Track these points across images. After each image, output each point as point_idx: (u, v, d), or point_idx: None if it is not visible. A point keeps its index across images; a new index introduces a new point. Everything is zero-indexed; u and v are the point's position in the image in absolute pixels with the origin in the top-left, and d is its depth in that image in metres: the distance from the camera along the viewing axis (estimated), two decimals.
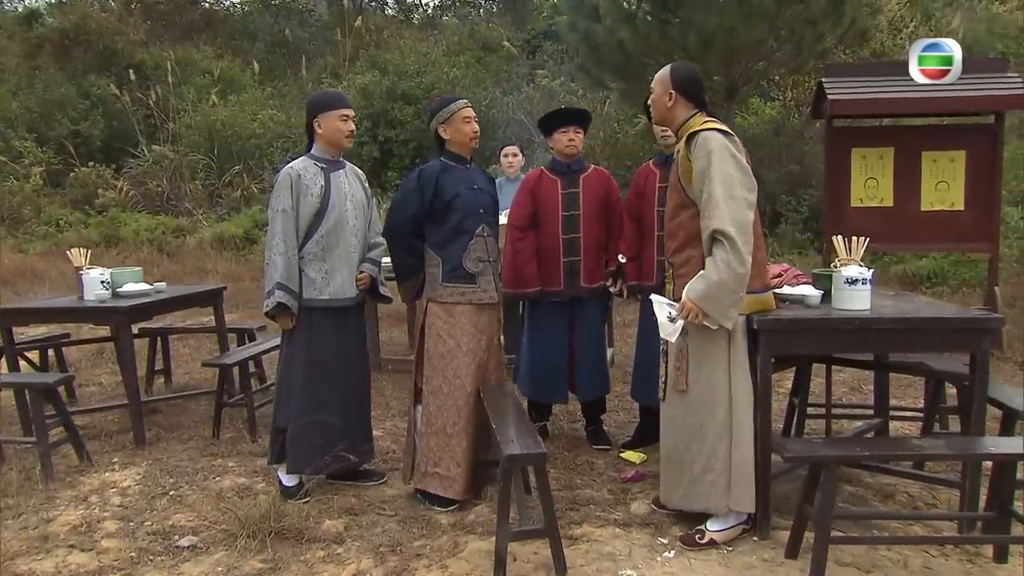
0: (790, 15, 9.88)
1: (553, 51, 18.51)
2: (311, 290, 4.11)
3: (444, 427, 4.03)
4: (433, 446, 4.05)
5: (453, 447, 4.02)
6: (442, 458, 4.03)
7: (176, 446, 4.97)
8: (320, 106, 4.20)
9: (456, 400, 4.03)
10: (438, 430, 4.04)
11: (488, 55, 18.54)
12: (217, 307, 5.52)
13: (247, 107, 15.69)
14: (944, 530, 3.68)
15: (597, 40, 11.00)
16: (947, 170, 6.49)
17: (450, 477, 4.01)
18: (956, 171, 6.48)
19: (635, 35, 10.39)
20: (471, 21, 22.40)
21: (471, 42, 19.67)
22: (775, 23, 9.94)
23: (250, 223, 12.95)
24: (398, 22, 24.01)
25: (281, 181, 4.11)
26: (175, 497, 4.21)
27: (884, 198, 6.48)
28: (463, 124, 4.12)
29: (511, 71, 17.76)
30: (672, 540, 3.58)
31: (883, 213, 6.45)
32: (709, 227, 3.26)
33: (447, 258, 4.08)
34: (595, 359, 4.78)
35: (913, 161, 6.45)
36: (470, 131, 4.13)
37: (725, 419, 3.41)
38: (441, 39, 19.01)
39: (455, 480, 4.01)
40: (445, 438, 4.03)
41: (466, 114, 4.13)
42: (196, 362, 7.02)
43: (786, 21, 9.95)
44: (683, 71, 3.59)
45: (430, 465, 4.05)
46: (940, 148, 6.48)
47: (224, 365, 5.00)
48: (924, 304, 3.83)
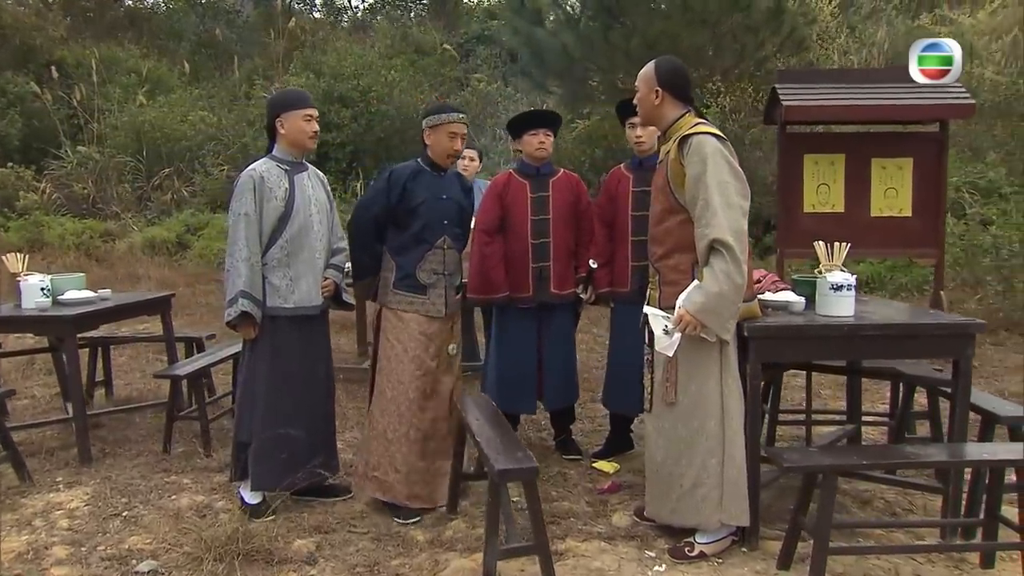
0: (732, 22, 9.97)
1: (487, 55, 18.42)
2: (275, 298, 3.89)
3: (384, 431, 3.93)
4: (373, 449, 3.96)
5: (392, 452, 3.90)
6: (380, 463, 3.93)
7: (124, 463, 4.67)
8: (283, 105, 3.98)
9: (398, 405, 3.91)
10: (379, 434, 3.95)
11: (422, 58, 18.31)
12: (165, 315, 5.22)
13: (176, 108, 15.14)
14: (925, 536, 3.65)
15: (539, 44, 10.96)
16: (896, 177, 6.55)
17: (387, 482, 3.91)
18: (904, 178, 6.54)
19: (579, 39, 10.35)
20: (403, 24, 22.11)
21: (404, 45, 19.42)
22: (717, 30, 10.02)
23: (182, 227, 12.48)
24: (327, 25, 23.57)
25: (243, 183, 3.87)
26: (129, 518, 3.93)
27: (836, 204, 6.50)
28: (447, 139, 3.97)
29: (445, 74, 17.58)
30: (660, 553, 3.48)
31: (835, 219, 6.46)
32: (708, 236, 3.15)
33: (401, 265, 3.96)
34: (565, 367, 4.65)
35: (863, 167, 6.49)
36: (450, 147, 3.98)
37: (717, 431, 3.31)
38: (375, 41, 18.68)
39: (392, 486, 3.90)
40: (385, 443, 3.93)
41: (454, 129, 3.96)
42: (135, 372, 6.68)
43: (728, 28, 10.04)
44: (668, 66, 3.46)
45: (369, 469, 3.96)
46: (889, 155, 6.54)
47: (178, 376, 4.72)
48: (902, 309, 3.80)
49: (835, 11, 12.16)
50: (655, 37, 9.79)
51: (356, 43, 18.07)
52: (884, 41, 14.61)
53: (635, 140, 4.44)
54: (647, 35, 9.80)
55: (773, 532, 3.57)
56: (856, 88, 6.33)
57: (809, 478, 3.19)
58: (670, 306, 3.33)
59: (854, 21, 15.47)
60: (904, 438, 4.23)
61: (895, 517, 3.88)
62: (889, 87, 6.46)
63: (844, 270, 3.69)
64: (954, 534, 3.53)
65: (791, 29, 10.18)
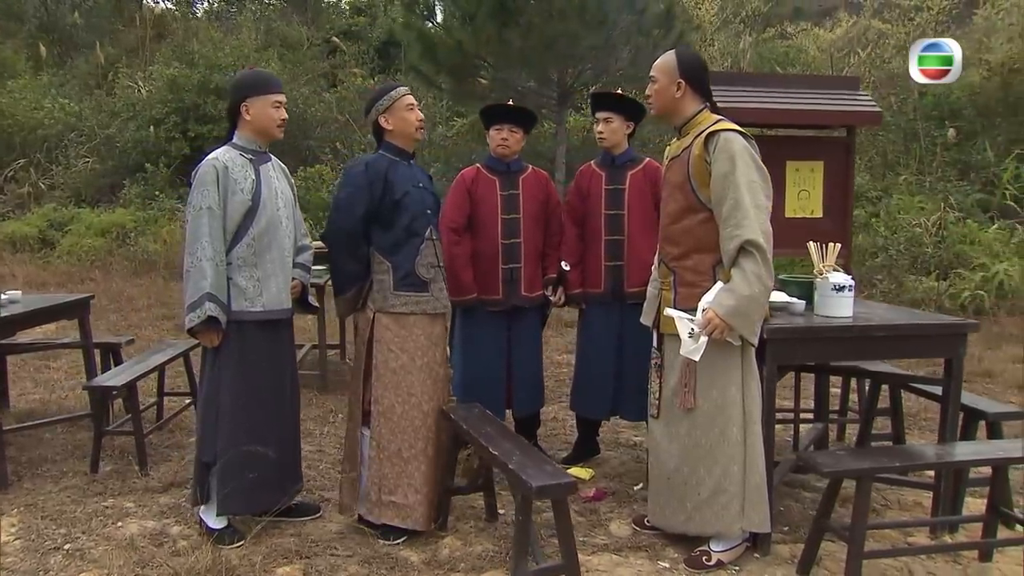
0: (626, 23, 9.97)
1: (354, 51, 17.84)
2: (241, 301, 3.44)
3: (399, 451, 3.50)
4: (388, 472, 3.50)
5: (411, 472, 3.50)
6: (398, 485, 3.49)
7: (48, 486, 4.06)
8: (250, 88, 3.53)
9: (412, 420, 3.51)
10: (392, 455, 3.50)
11: (289, 52, 17.51)
12: (83, 320, 4.59)
13: (28, 94, 13.82)
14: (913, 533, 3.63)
15: (432, 40, 10.64)
16: (808, 179, 6.65)
17: (408, 506, 3.48)
18: (816, 180, 6.64)
19: (475, 36, 10.09)
20: (267, 18, 21.11)
21: (270, 38, 18.53)
22: (612, 32, 9.99)
23: (44, 223, 11.38)
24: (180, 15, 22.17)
25: (204, 174, 3.40)
26: (73, 552, 3.39)
27: None
28: (407, 112, 3.60)
29: (313, 69, 16.89)
30: (673, 563, 3.29)
31: None
32: (740, 237, 2.98)
33: (399, 264, 3.54)
34: (533, 372, 4.39)
35: (779, 170, 6.54)
36: (415, 119, 3.61)
37: (739, 437, 3.15)
38: (241, 33, 17.70)
39: (414, 509, 3.49)
40: (401, 463, 3.50)
41: (409, 101, 3.61)
42: (26, 382, 5.92)
43: (623, 30, 10.03)
44: (691, 57, 3.27)
45: (384, 493, 3.50)
46: (801, 158, 6.63)
47: (112, 388, 4.15)
48: (892, 310, 3.78)
49: (713, 19, 12.40)
50: (552, 37, 9.66)
51: (224, 34, 17.08)
52: (747, 50, 15.16)
53: (598, 134, 4.26)
54: (544, 34, 9.66)
55: (777, 535, 3.45)
56: (771, 92, 6.39)
57: (835, 483, 3.08)
58: (688, 308, 3.15)
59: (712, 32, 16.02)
60: (870, 435, 4.23)
61: (875, 514, 3.85)
62: (801, 93, 6.57)
63: (839, 270, 3.63)
64: (953, 530, 3.53)
65: (680, 34, 10.28)
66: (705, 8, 13.04)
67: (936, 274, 8.70)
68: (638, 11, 9.87)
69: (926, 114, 11.80)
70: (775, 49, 15.95)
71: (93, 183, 12.94)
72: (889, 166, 11.73)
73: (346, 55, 17.64)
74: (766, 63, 14.74)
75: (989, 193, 10.75)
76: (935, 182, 10.80)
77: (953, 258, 8.91)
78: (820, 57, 15.36)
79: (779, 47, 16.16)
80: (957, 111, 11.75)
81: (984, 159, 11.07)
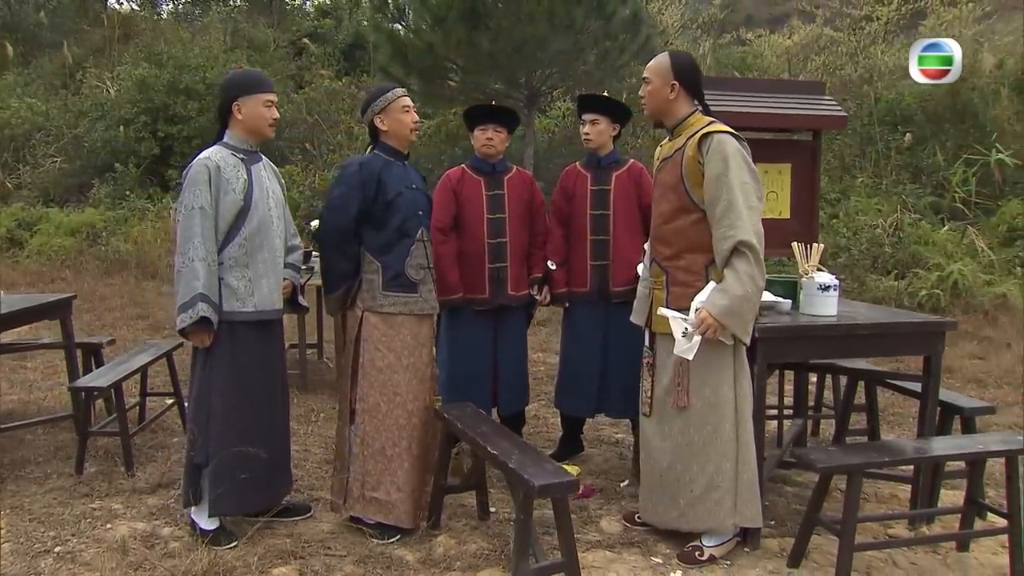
0: (594, 27, 9.96)
1: (320, 53, 17.65)
2: (232, 301, 3.35)
3: (383, 448, 3.46)
4: (371, 469, 3.45)
5: (394, 470, 3.45)
6: (380, 482, 3.45)
7: (32, 488, 3.92)
8: (241, 87, 3.44)
9: (397, 419, 3.46)
10: (376, 452, 3.46)
11: (256, 54, 17.26)
12: (65, 320, 4.44)
13: None
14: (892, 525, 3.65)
15: (402, 42, 10.55)
16: (776, 181, 6.67)
17: (390, 503, 3.44)
18: (784, 182, 6.67)
19: (444, 39, 10.02)
20: (233, 19, 20.79)
21: (236, 39, 18.25)
22: (580, 36, 9.97)
23: (12, 222, 11.08)
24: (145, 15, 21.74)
25: (196, 174, 3.31)
26: (64, 555, 3.28)
27: None
28: (402, 114, 3.55)
29: (281, 71, 16.66)
30: (666, 559, 3.27)
31: None
32: (733, 237, 2.97)
33: (388, 265, 3.48)
34: (518, 371, 4.35)
35: None
36: (410, 121, 3.57)
37: (731, 435, 3.14)
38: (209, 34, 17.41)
39: (396, 506, 3.45)
40: (384, 460, 3.45)
41: (405, 103, 3.56)
42: (2, 383, 5.73)
43: (591, 34, 10.01)
44: (685, 60, 3.25)
45: (367, 489, 3.45)
46: (770, 160, 6.67)
47: (97, 389, 4.02)
48: (874, 308, 3.80)
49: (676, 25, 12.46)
50: (522, 40, 9.62)
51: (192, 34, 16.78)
52: (707, 56, 15.29)
53: (584, 136, 4.23)
54: (513, 38, 9.62)
55: (765, 530, 3.45)
56: (741, 95, 6.42)
57: (826, 477, 3.08)
58: (680, 308, 3.13)
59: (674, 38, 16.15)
60: (847, 430, 4.25)
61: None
62: (768, 96, 6.61)
63: (824, 269, 3.64)
64: (930, 521, 3.56)
65: (646, 38, 10.30)
66: (668, 14, 13.07)
67: (895, 273, 8.81)
68: (606, 16, 9.85)
69: (880, 119, 11.97)
70: (732, 54, 16.15)
71: (61, 183, 12.65)
72: (846, 169, 11.86)
73: (313, 57, 17.45)
74: (724, 68, 14.88)
75: (940, 196, 10.93)
76: (890, 185, 10.95)
77: (910, 258, 9.02)
78: (776, 63, 15.56)
79: (735, 52, 16.37)
80: (909, 117, 11.93)
81: (934, 163, 11.24)
